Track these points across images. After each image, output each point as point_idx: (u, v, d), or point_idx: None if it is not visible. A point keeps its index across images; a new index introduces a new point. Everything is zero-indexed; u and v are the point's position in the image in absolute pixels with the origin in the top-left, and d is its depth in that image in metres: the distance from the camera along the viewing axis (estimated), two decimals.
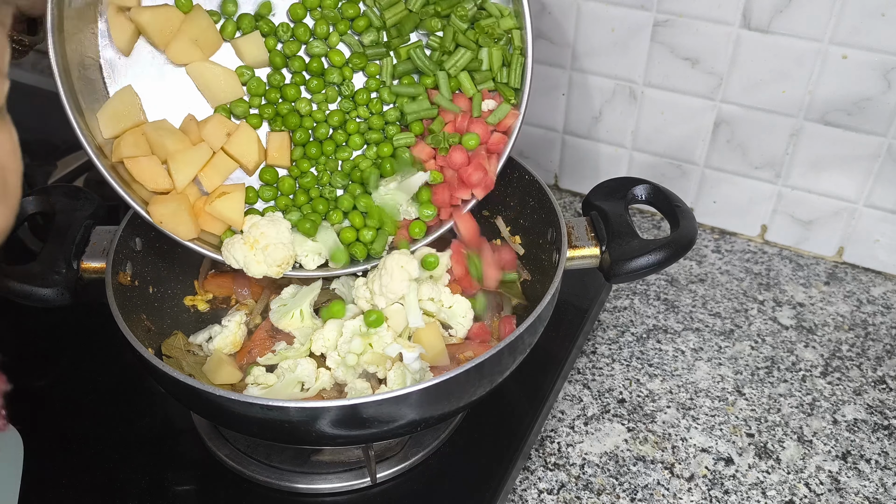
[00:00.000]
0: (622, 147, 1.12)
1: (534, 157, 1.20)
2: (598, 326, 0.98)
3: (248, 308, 0.89)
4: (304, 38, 0.80)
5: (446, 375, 0.63)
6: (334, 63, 0.81)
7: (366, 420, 0.63)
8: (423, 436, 0.79)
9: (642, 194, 0.84)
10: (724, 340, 0.96)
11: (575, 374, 0.91)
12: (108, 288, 0.74)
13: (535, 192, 0.86)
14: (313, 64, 0.80)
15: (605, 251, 0.79)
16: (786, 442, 0.84)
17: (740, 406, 0.88)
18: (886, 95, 0.92)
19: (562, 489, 0.79)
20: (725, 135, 1.04)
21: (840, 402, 0.88)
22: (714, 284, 1.04)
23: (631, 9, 1.00)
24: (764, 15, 0.93)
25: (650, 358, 0.94)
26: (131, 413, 0.84)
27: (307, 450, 0.78)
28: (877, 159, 0.97)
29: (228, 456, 0.78)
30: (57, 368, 0.90)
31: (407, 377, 0.73)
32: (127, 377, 0.87)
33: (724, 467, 0.81)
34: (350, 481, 0.75)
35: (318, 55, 0.80)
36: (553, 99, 1.12)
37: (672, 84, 1.03)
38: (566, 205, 1.19)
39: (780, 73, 0.96)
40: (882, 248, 1.03)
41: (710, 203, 1.11)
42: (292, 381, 0.75)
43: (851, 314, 1.00)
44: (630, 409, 0.87)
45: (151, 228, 0.84)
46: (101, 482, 0.77)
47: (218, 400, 0.63)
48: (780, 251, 1.10)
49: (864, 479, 0.80)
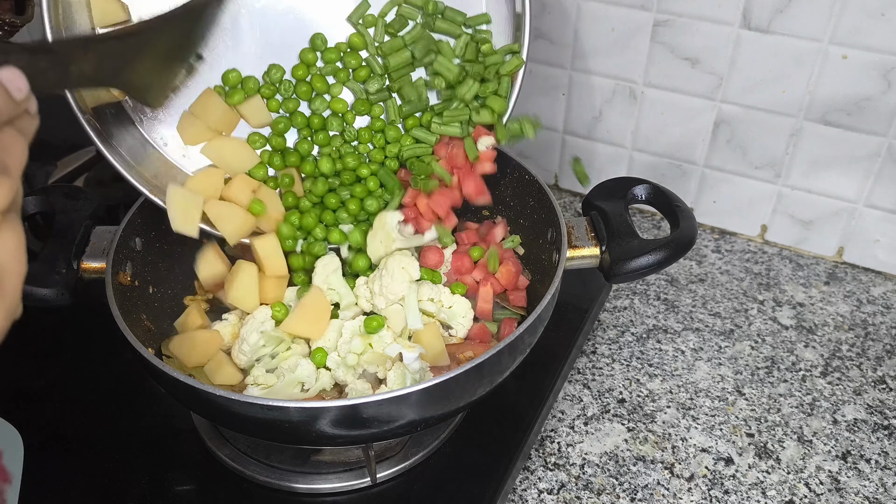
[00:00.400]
0: (622, 147, 1.12)
1: (534, 157, 1.20)
2: (598, 326, 0.98)
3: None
4: (307, 97, 0.81)
5: (446, 375, 0.63)
6: (335, 110, 0.82)
7: (366, 420, 0.63)
8: (423, 436, 0.79)
9: (642, 194, 0.84)
10: (724, 340, 0.96)
11: (575, 374, 0.91)
12: (108, 288, 0.73)
13: (535, 192, 0.86)
14: (314, 119, 0.82)
15: (605, 251, 0.79)
16: (786, 442, 0.84)
17: (740, 406, 0.88)
18: (886, 95, 0.92)
19: (562, 489, 0.79)
20: (725, 135, 1.04)
21: (840, 402, 0.88)
22: (714, 284, 1.04)
23: (631, 9, 1.00)
24: (764, 15, 0.93)
25: (650, 358, 0.94)
26: (131, 413, 0.84)
27: (307, 450, 0.78)
28: (877, 159, 0.97)
29: (228, 456, 0.78)
30: (57, 368, 0.90)
31: (407, 377, 0.73)
32: (127, 377, 0.87)
33: (724, 467, 0.81)
34: (350, 481, 0.75)
35: (320, 111, 0.82)
36: (553, 99, 1.12)
37: (672, 84, 1.03)
38: (566, 205, 1.19)
39: (780, 73, 0.96)
40: (882, 248, 1.03)
41: (710, 203, 1.11)
42: (292, 382, 0.75)
43: (851, 314, 1.00)
44: (630, 409, 0.87)
45: (151, 228, 0.84)
46: (101, 482, 0.77)
47: (218, 400, 0.63)
48: (780, 251, 1.10)
49: (864, 479, 0.80)
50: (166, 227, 0.87)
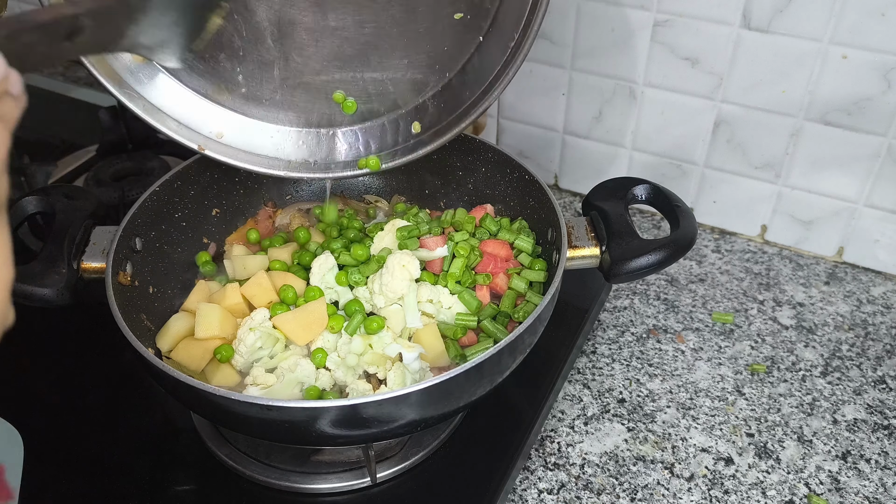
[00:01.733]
0: (622, 147, 1.12)
1: (534, 157, 1.20)
2: (598, 326, 0.98)
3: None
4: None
5: (446, 375, 0.63)
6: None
7: (366, 420, 0.63)
8: (423, 436, 0.79)
9: (642, 194, 0.84)
10: (724, 340, 0.96)
11: (575, 374, 0.91)
12: (108, 288, 0.73)
13: (535, 192, 0.86)
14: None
15: (605, 251, 0.79)
16: (786, 442, 0.84)
17: (740, 406, 0.88)
18: (886, 95, 0.92)
19: (562, 489, 0.79)
20: (725, 135, 1.04)
21: (840, 401, 0.88)
22: (714, 284, 1.04)
23: (631, 9, 1.00)
24: (764, 15, 0.93)
25: (650, 358, 0.94)
26: (131, 413, 0.84)
27: (307, 450, 0.78)
28: (877, 159, 0.97)
29: (228, 456, 0.78)
30: (57, 368, 0.90)
31: (407, 377, 0.73)
32: (127, 377, 0.87)
33: (724, 467, 0.81)
34: (350, 481, 0.75)
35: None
36: (553, 99, 1.12)
37: (672, 84, 1.03)
38: (566, 205, 1.19)
39: (780, 73, 0.96)
40: (882, 248, 1.03)
41: (710, 203, 1.11)
42: (292, 382, 0.75)
43: (851, 314, 1.00)
44: (630, 408, 0.87)
45: (151, 228, 0.84)
46: (101, 482, 0.77)
47: (218, 400, 0.63)
48: (780, 251, 1.10)
49: (864, 479, 0.80)
50: (166, 227, 0.87)
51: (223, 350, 0.77)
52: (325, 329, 0.78)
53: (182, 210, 0.89)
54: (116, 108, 1.18)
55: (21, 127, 0.45)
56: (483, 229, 0.88)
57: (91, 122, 1.21)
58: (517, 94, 1.14)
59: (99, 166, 1.12)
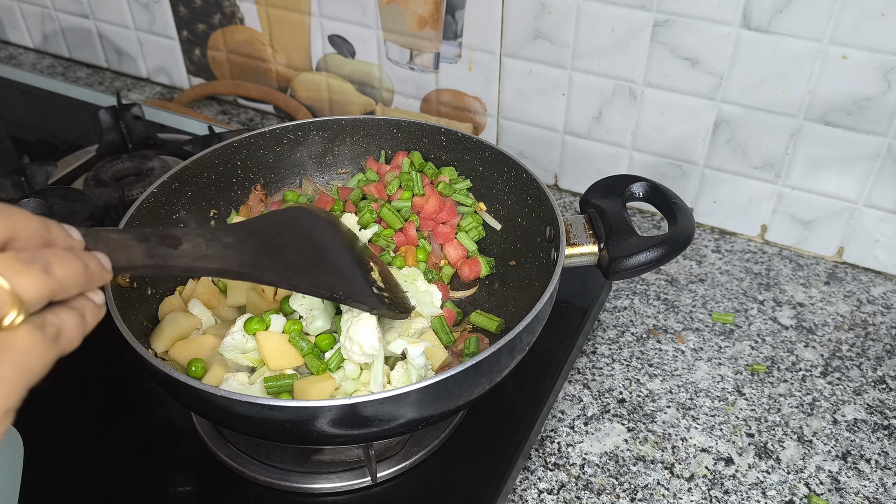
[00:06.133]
0: (622, 147, 1.12)
1: (533, 157, 1.20)
2: (598, 326, 0.98)
3: None
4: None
5: (445, 374, 0.64)
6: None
7: (366, 419, 0.63)
8: (424, 435, 0.79)
9: (639, 191, 0.84)
10: (724, 340, 0.96)
11: (575, 374, 0.91)
12: (106, 289, 0.73)
13: (533, 191, 0.86)
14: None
15: (603, 248, 0.79)
16: (786, 442, 0.84)
17: (740, 406, 0.88)
18: (886, 95, 0.92)
19: (562, 489, 0.79)
20: (725, 135, 1.04)
21: (840, 402, 0.88)
22: (714, 284, 1.04)
23: (631, 9, 1.00)
24: (764, 15, 0.93)
25: (650, 358, 0.94)
26: (131, 413, 0.84)
27: (307, 450, 0.78)
28: (877, 159, 0.97)
29: (228, 456, 0.78)
30: (57, 368, 0.90)
31: (412, 373, 0.73)
32: (127, 377, 0.87)
33: (724, 467, 0.81)
34: (350, 481, 0.75)
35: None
36: (553, 99, 1.12)
37: (672, 84, 1.03)
38: (566, 205, 1.19)
39: (780, 73, 0.96)
40: (882, 248, 1.03)
41: (710, 203, 1.11)
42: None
43: (851, 314, 1.00)
44: (630, 409, 0.87)
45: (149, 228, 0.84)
46: (101, 482, 0.77)
47: (218, 400, 0.63)
48: (780, 251, 1.10)
49: (864, 479, 0.80)
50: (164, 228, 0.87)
51: (196, 364, 0.75)
52: (301, 363, 0.75)
53: (180, 211, 0.89)
54: (116, 108, 1.18)
55: (21, 127, 0.45)
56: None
57: (91, 122, 1.21)
58: (517, 94, 1.14)
59: (99, 167, 1.12)
